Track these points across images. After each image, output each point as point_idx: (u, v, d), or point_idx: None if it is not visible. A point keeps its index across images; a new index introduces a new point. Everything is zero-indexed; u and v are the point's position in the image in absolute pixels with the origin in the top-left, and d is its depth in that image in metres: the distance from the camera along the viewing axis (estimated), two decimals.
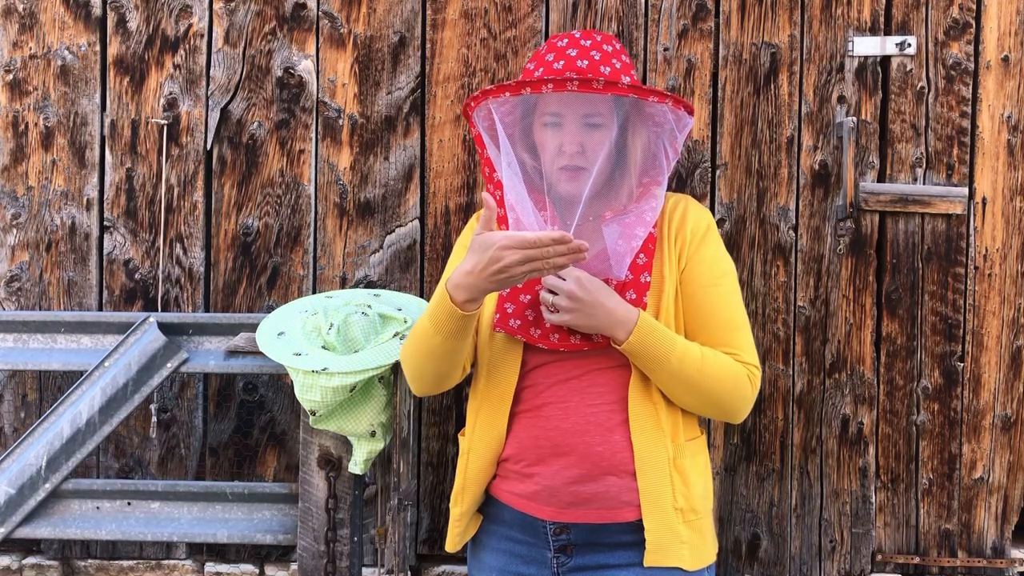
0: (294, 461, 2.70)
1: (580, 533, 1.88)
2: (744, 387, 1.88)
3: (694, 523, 1.88)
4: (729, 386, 1.87)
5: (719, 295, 1.91)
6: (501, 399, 1.92)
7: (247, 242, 2.73)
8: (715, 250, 1.94)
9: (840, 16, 2.65)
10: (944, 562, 2.71)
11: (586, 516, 1.86)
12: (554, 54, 1.93)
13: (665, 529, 1.85)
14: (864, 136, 2.65)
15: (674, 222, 1.94)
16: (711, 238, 1.95)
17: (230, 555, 2.76)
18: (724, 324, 1.89)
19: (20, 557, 2.76)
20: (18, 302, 2.76)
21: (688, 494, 1.87)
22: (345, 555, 2.42)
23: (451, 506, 2.04)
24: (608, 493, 1.85)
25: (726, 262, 1.95)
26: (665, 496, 1.85)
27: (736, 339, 1.90)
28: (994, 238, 2.67)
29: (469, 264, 1.75)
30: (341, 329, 2.32)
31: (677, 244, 1.92)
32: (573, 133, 1.88)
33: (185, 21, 2.71)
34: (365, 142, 2.71)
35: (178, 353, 2.54)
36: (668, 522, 1.85)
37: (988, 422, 2.69)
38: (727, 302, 1.91)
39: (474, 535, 2.04)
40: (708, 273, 1.91)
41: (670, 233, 1.93)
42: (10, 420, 2.77)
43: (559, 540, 1.89)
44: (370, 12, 2.70)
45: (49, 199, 2.75)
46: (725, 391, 1.87)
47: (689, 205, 1.99)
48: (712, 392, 1.86)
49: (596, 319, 1.81)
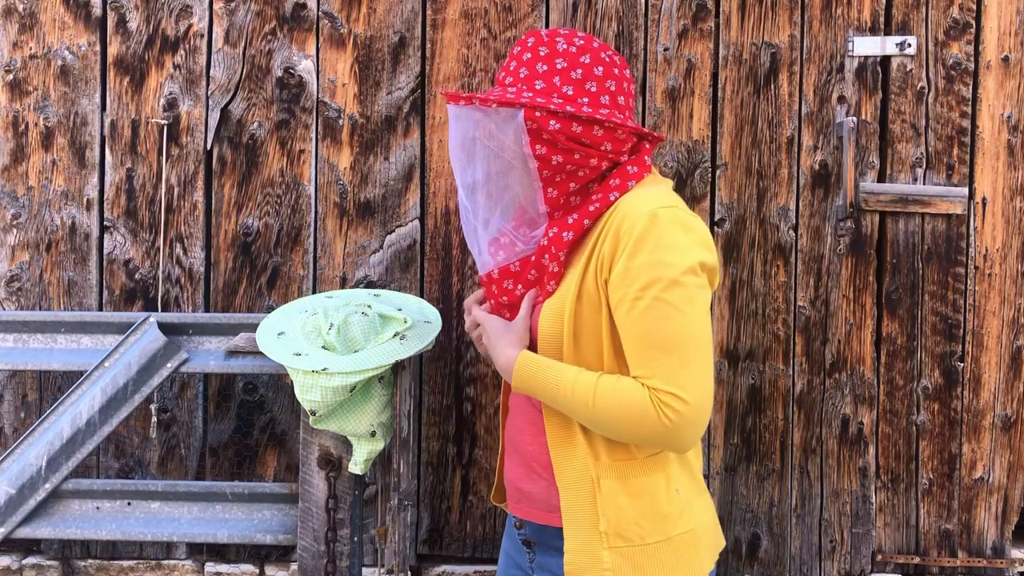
0: (294, 461, 2.70)
1: (532, 530, 1.84)
2: (645, 417, 1.62)
3: (622, 551, 1.70)
4: (628, 417, 1.63)
5: (635, 312, 1.62)
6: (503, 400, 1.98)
7: (247, 242, 2.73)
8: (643, 260, 1.63)
9: (840, 16, 2.65)
10: (944, 562, 2.71)
11: (528, 514, 1.82)
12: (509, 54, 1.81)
13: (584, 551, 1.71)
14: (864, 136, 2.65)
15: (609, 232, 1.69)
16: (641, 247, 1.63)
17: (230, 555, 2.76)
18: (635, 344, 1.64)
19: (20, 557, 2.76)
20: (18, 302, 2.76)
21: (617, 519, 1.70)
22: (345, 555, 2.42)
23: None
24: (540, 494, 1.79)
25: (655, 272, 1.62)
26: (584, 517, 1.72)
27: (647, 359, 1.62)
28: (994, 238, 2.67)
29: None
30: (341, 329, 2.32)
31: (600, 255, 1.69)
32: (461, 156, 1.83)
33: (185, 21, 2.71)
34: (365, 142, 2.71)
35: (178, 353, 2.54)
36: (588, 544, 1.71)
37: (988, 422, 2.69)
38: (642, 320, 1.62)
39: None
40: (622, 287, 1.64)
41: (600, 243, 1.70)
42: (10, 420, 2.77)
43: (521, 533, 1.88)
44: (370, 12, 2.70)
45: (49, 199, 2.75)
46: (624, 423, 1.65)
47: (629, 211, 1.68)
48: (610, 424, 1.67)
49: (497, 364, 1.81)
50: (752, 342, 2.68)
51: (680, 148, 2.66)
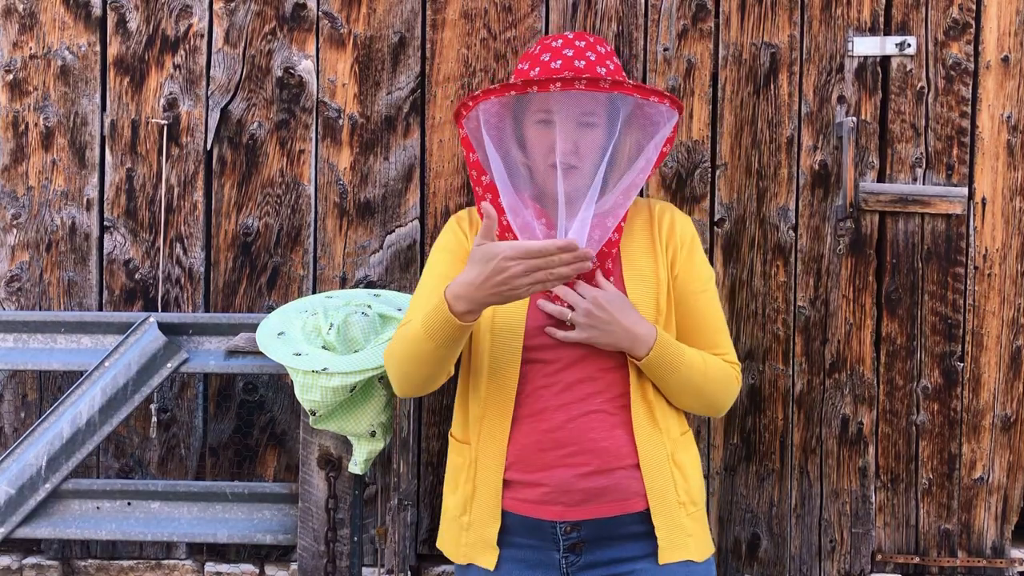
0: (294, 461, 2.70)
1: (591, 529, 1.88)
2: (734, 386, 2.01)
3: (695, 515, 1.94)
4: (724, 386, 1.98)
5: (706, 301, 2.00)
6: (504, 404, 1.91)
7: (247, 242, 2.73)
8: (701, 258, 2.03)
9: (840, 16, 2.65)
10: (944, 562, 2.71)
11: (598, 511, 1.87)
12: (550, 54, 1.92)
13: (673, 525, 1.89)
14: (864, 136, 2.65)
15: (663, 229, 2.01)
16: (697, 247, 2.03)
17: (230, 555, 2.76)
18: (712, 328, 2.00)
19: (20, 557, 2.76)
20: (18, 302, 2.76)
21: (688, 487, 1.93)
22: (345, 555, 2.42)
23: (451, 508, 1.98)
24: (619, 485, 1.87)
25: (709, 268, 2.04)
26: (669, 491, 1.90)
27: (722, 341, 2.01)
28: (994, 238, 2.67)
29: (471, 275, 1.72)
30: (341, 329, 2.32)
31: (668, 251, 1.99)
32: (568, 131, 1.87)
33: (185, 21, 2.71)
34: (365, 142, 2.71)
35: (178, 353, 2.54)
36: (675, 517, 1.89)
37: (988, 422, 2.69)
38: (713, 307, 2.01)
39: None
40: (697, 280, 2.00)
41: (660, 239, 2.00)
42: (10, 420, 2.77)
43: (569, 538, 1.88)
44: (370, 12, 2.70)
45: (49, 199, 2.75)
46: (721, 391, 1.98)
47: (676, 215, 2.05)
48: (712, 394, 1.96)
49: (614, 336, 1.86)
50: (752, 342, 2.68)
51: (680, 148, 2.66)
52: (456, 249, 2.02)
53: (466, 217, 2.09)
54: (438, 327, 1.78)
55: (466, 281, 1.73)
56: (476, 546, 1.93)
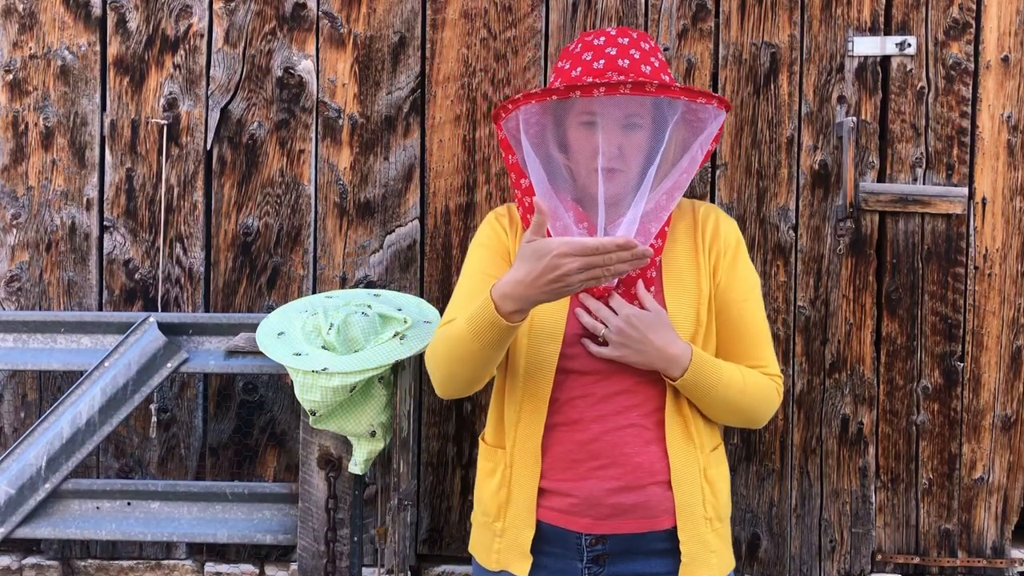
0: (294, 461, 2.70)
1: (617, 542, 1.85)
2: (774, 400, 1.95)
3: (720, 531, 1.91)
4: (763, 402, 1.93)
5: (749, 310, 1.94)
6: (538, 410, 1.88)
7: (247, 242, 2.73)
8: (745, 264, 1.96)
9: (840, 16, 2.65)
10: (944, 562, 2.71)
11: (626, 526, 1.84)
12: (592, 53, 1.86)
13: (697, 540, 1.87)
14: (864, 136, 2.65)
15: (707, 234, 1.95)
16: (742, 252, 1.96)
17: (230, 555, 2.76)
18: (752, 339, 1.94)
19: (20, 557, 2.76)
20: (18, 302, 2.76)
21: (716, 503, 1.90)
22: (345, 555, 2.42)
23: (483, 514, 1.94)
24: (649, 503, 1.84)
25: (754, 276, 1.97)
26: (697, 508, 1.87)
27: (763, 352, 1.94)
28: (994, 238, 2.67)
29: (520, 272, 1.66)
30: (341, 329, 2.32)
31: (711, 258, 1.93)
32: (612, 134, 1.83)
33: (185, 21, 2.71)
34: (365, 142, 2.71)
35: (178, 353, 2.54)
36: (700, 533, 1.87)
37: (988, 422, 2.69)
38: (755, 317, 1.95)
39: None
40: (741, 288, 1.93)
41: (703, 244, 1.94)
42: (10, 420, 2.77)
43: (594, 550, 1.85)
44: (370, 12, 2.70)
45: (49, 199, 2.75)
46: (759, 406, 1.93)
47: (720, 218, 1.98)
48: (749, 409, 1.91)
49: (647, 356, 1.81)
50: None
51: None
52: (495, 246, 1.97)
53: (505, 213, 2.03)
54: (485, 328, 1.73)
55: (515, 279, 1.67)
56: (510, 553, 1.89)
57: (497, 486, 1.91)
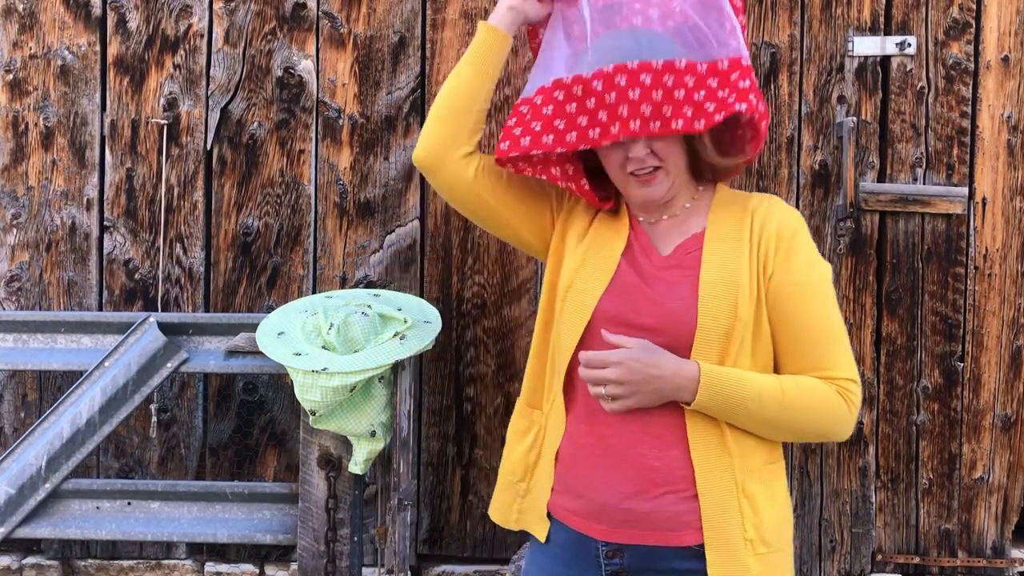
0: (294, 461, 2.70)
1: (635, 557, 1.70)
2: (837, 409, 1.69)
3: (766, 557, 1.69)
4: (818, 414, 1.70)
5: (807, 307, 1.71)
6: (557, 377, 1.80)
7: (247, 242, 2.73)
8: (805, 256, 1.74)
9: (840, 16, 2.65)
10: (944, 562, 2.71)
11: (641, 537, 1.69)
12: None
13: (731, 561, 1.67)
14: (864, 136, 2.65)
15: (756, 224, 1.75)
16: (799, 242, 1.74)
17: (230, 555, 2.76)
18: (816, 339, 1.71)
19: (20, 557, 2.76)
20: (18, 302, 2.76)
21: (758, 523, 1.69)
22: (345, 555, 2.42)
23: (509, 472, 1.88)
24: (665, 512, 1.68)
25: (817, 268, 1.74)
26: (731, 524, 1.68)
27: (828, 354, 1.71)
28: (994, 238, 2.67)
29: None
30: (341, 329, 2.32)
31: (760, 250, 1.73)
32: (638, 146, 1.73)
33: (185, 21, 2.71)
34: (365, 142, 2.71)
35: (178, 353, 2.54)
36: (735, 553, 1.67)
37: (988, 422, 2.69)
38: (817, 314, 1.71)
39: (531, 549, 1.88)
40: (795, 282, 1.71)
41: (752, 236, 1.74)
42: (10, 420, 2.77)
43: (611, 564, 1.72)
44: (370, 12, 2.70)
45: (49, 199, 2.75)
46: (814, 420, 1.71)
47: (773, 206, 1.79)
48: (799, 425, 1.71)
49: (658, 392, 1.66)
50: None
51: None
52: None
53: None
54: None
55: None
56: (531, 513, 1.84)
57: (528, 447, 1.85)
